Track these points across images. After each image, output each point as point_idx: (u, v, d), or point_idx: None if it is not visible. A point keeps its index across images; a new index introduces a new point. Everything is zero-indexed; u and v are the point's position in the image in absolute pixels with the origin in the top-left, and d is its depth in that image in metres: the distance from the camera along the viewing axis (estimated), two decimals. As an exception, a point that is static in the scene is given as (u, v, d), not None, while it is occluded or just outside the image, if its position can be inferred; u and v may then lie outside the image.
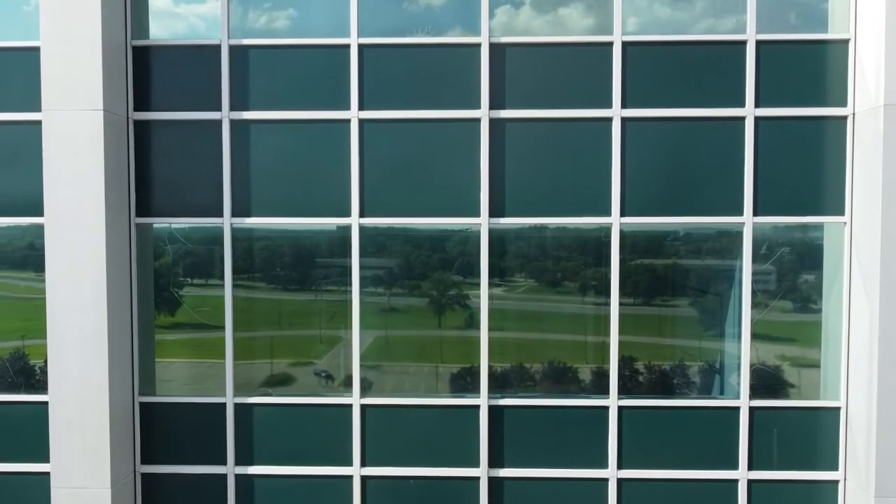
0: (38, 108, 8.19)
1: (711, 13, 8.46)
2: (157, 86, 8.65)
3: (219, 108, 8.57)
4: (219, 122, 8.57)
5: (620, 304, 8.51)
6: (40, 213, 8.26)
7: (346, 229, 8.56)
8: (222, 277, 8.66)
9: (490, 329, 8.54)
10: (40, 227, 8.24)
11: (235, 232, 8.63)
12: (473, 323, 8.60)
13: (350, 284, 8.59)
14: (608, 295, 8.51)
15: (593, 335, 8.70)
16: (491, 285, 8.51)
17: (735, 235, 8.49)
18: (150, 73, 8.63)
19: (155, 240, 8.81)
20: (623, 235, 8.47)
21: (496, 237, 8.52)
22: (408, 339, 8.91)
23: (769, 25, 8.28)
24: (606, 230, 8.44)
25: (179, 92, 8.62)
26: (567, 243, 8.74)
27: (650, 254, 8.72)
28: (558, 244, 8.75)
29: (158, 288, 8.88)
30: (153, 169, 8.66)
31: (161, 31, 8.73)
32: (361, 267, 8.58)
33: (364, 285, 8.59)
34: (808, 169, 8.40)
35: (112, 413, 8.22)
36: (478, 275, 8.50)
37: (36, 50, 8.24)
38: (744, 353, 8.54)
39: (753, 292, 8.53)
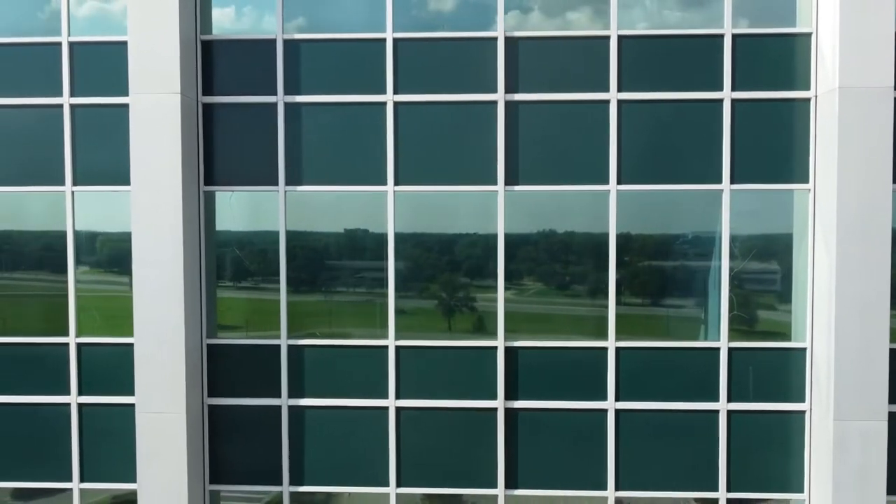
0: (120, 93, 9.78)
1: (694, 7, 9.91)
2: (221, 73, 10.15)
3: (274, 93, 10.07)
4: (274, 105, 10.08)
5: (617, 264, 9.95)
6: (126, 182, 9.79)
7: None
8: (277, 240, 10.17)
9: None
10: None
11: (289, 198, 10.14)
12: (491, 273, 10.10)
13: (386, 243, 10.08)
14: (607, 253, 9.97)
15: (591, 295, 10.16)
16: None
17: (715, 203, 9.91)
18: (215, 63, 10.13)
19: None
20: (619, 205, 9.91)
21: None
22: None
23: (744, 21, 9.71)
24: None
25: (240, 79, 10.11)
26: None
27: (644, 223, 10.12)
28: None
29: (221, 248, 10.40)
30: (218, 145, 10.16)
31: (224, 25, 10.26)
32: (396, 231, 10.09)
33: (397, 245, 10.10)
34: (777, 144, 9.82)
35: (186, 351, 9.74)
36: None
37: (121, 44, 9.81)
38: (723, 302, 9.97)
39: (731, 252, 9.95)
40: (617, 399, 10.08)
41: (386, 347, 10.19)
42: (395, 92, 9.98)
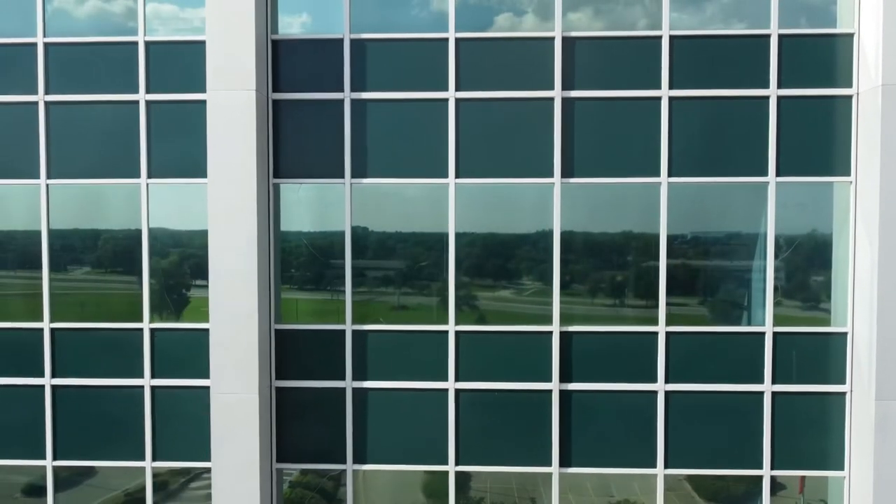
0: (193, 90, 10.30)
1: (737, 11, 10.45)
2: (289, 71, 10.64)
3: (341, 90, 10.58)
4: (341, 101, 10.58)
5: (668, 257, 10.47)
6: (201, 175, 10.29)
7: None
8: (342, 230, 10.67)
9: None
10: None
11: (354, 188, 10.65)
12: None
13: (448, 232, 10.59)
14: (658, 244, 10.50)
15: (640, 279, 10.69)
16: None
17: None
18: (284, 61, 10.63)
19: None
20: (670, 196, 10.43)
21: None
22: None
23: (789, 22, 10.25)
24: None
25: (308, 76, 10.61)
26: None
27: (692, 215, 10.65)
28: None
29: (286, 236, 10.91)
30: (286, 139, 10.66)
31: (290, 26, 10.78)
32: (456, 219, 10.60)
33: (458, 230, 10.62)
34: (820, 139, 10.36)
35: (259, 335, 10.23)
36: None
37: (193, 43, 10.35)
38: (768, 288, 10.49)
39: (776, 242, 10.47)
40: (666, 381, 10.58)
41: (446, 332, 10.69)
42: (457, 89, 10.48)
